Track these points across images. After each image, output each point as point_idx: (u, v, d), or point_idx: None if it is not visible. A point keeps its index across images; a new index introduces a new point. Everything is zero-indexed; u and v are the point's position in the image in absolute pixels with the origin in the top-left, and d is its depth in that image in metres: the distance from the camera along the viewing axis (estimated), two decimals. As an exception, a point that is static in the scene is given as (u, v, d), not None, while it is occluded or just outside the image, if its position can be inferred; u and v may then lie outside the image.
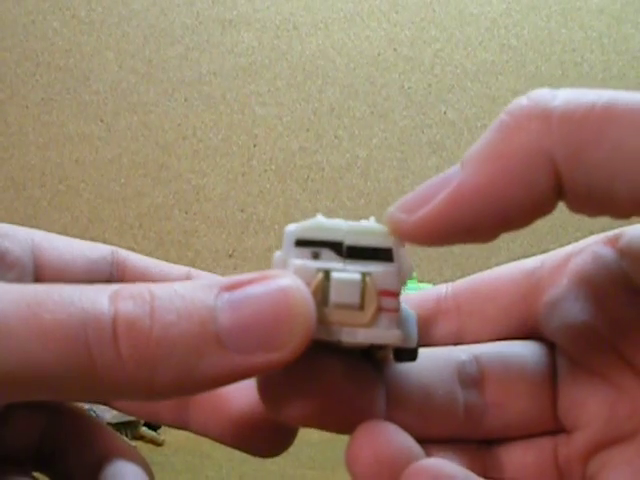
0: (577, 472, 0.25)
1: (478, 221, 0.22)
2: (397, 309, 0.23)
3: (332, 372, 0.23)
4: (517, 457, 0.26)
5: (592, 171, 0.21)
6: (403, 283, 0.23)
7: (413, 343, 0.23)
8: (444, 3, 1.19)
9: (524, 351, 0.26)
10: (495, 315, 0.27)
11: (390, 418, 0.24)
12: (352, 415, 0.23)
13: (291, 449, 0.28)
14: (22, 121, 1.23)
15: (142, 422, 0.72)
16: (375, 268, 0.23)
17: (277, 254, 0.24)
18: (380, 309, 0.23)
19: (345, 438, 0.23)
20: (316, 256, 0.23)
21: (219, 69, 1.21)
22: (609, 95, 0.21)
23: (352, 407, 0.23)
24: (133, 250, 0.31)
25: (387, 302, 0.23)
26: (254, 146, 1.21)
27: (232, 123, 1.21)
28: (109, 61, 1.22)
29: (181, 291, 0.21)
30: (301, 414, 0.23)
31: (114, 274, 0.29)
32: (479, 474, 0.25)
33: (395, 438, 0.23)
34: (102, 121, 1.23)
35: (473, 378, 0.26)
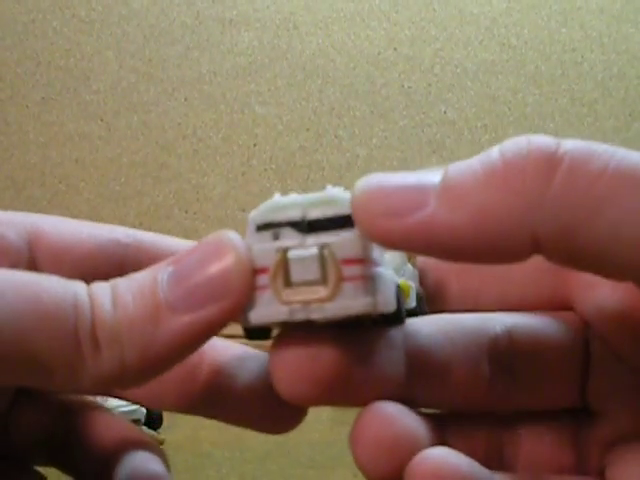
0: (594, 457, 0.25)
1: (443, 255, 0.21)
2: (363, 276, 0.22)
3: (331, 351, 0.23)
4: (536, 434, 0.26)
5: (579, 251, 0.20)
6: (369, 247, 0.22)
7: (390, 307, 0.22)
8: (444, 2, 1.19)
9: (557, 327, 0.26)
10: (521, 278, 0.26)
11: (410, 388, 0.24)
12: (361, 390, 0.23)
13: (291, 449, 0.28)
14: (22, 120, 1.23)
15: (142, 421, 0.72)
16: (334, 238, 0.22)
17: (253, 236, 0.23)
18: (343, 279, 0.22)
19: (345, 439, 0.23)
20: (277, 237, 0.22)
21: (219, 68, 1.21)
22: (616, 163, 0.19)
23: (358, 383, 0.23)
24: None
25: (350, 270, 0.22)
26: (254, 145, 1.21)
27: (232, 122, 1.21)
28: (109, 60, 1.22)
29: (135, 275, 0.23)
30: (309, 396, 0.23)
31: (130, 257, 0.29)
32: (495, 448, 0.25)
33: (399, 421, 0.22)
34: (102, 120, 1.22)
35: (504, 353, 0.25)
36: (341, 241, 0.22)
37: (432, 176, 0.21)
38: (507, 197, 0.19)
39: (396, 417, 0.23)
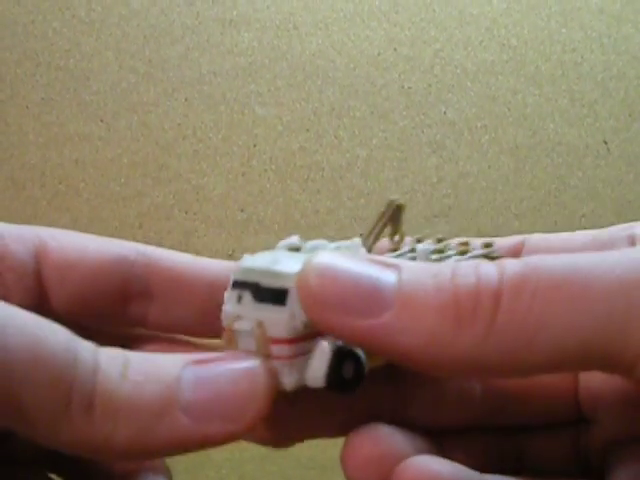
0: (594, 460, 0.25)
1: (392, 359, 0.22)
2: (290, 356, 0.22)
3: (313, 394, 0.24)
4: (537, 445, 0.26)
5: (523, 373, 0.21)
6: (302, 325, 0.22)
7: (317, 383, 0.23)
8: (444, 3, 1.19)
9: None
10: None
11: (404, 411, 0.24)
12: (346, 423, 0.24)
13: (291, 449, 0.28)
14: (22, 121, 1.23)
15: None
16: (268, 314, 0.23)
17: (226, 293, 0.24)
18: (271, 357, 0.23)
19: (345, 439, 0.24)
20: (240, 299, 0.23)
21: (219, 69, 1.21)
22: (543, 284, 0.20)
23: (342, 417, 0.24)
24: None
25: (278, 350, 0.22)
26: (254, 146, 1.21)
27: (232, 123, 1.21)
28: (109, 61, 1.22)
29: (152, 357, 0.23)
30: (296, 435, 0.24)
31: (136, 274, 0.28)
32: (495, 462, 0.25)
33: (385, 441, 0.23)
34: (102, 121, 1.22)
35: None
36: (272, 320, 0.22)
37: (388, 275, 0.21)
38: (456, 329, 0.20)
39: (383, 436, 0.23)
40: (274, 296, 0.22)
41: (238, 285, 0.23)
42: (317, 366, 0.22)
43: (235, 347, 0.23)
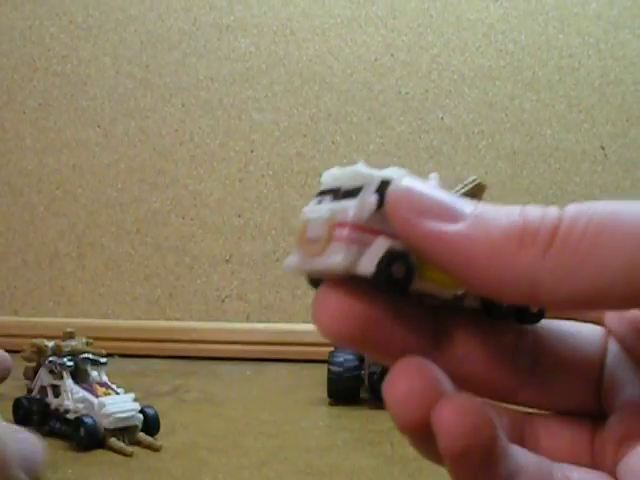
0: (610, 457, 0.26)
1: (451, 269, 0.24)
2: (348, 238, 0.24)
3: (369, 297, 0.25)
4: (555, 433, 0.27)
5: (573, 295, 0.23)
6: (367, 216, 0.24)
7: (365, 271, 0.24)
8: (441, 9, 1.20)
9: (581, 330, 0.28)
10: None
11: (436, 355, 0.26)
12: (389, 339, 0.25)
13: (288, 455, 0.28)
14: (19, 127, 1.23)
15: (139, 428, 0.72)
16: (340, 205, 0.25)
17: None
18: (332, 239, 0.24)
19: (341, 445, 0.24)
20: (320, 202, 0.26)
21: (216, 74, 1.21)
22: (594, 223, 0.23)
23: (388, 332, 0.25)
24: (130, 256, 0.31)
25: (340, 232, 0.24)
26: (251, 151, 1.21)
27: (229, 128, 1.21)
28: (106, 66, 1.22)
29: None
30: (345, 336, 0.25)
31: None
32: (516, 438, 0.26)
33: (428, 373, 0.24)
34: (99, 127, 1.22)
35: (528, 345, 0.27)
36: (342, 207, 0.25)
37: (465, 203, 0.25)
38: (518, 248, 0.23)
39: (427, 370, 0.24)
40: (350, 193, 0.25)
41: (321, 193, 0.26)
42: (371, 256, 0.25)
43: (303, 235, 0.25)
